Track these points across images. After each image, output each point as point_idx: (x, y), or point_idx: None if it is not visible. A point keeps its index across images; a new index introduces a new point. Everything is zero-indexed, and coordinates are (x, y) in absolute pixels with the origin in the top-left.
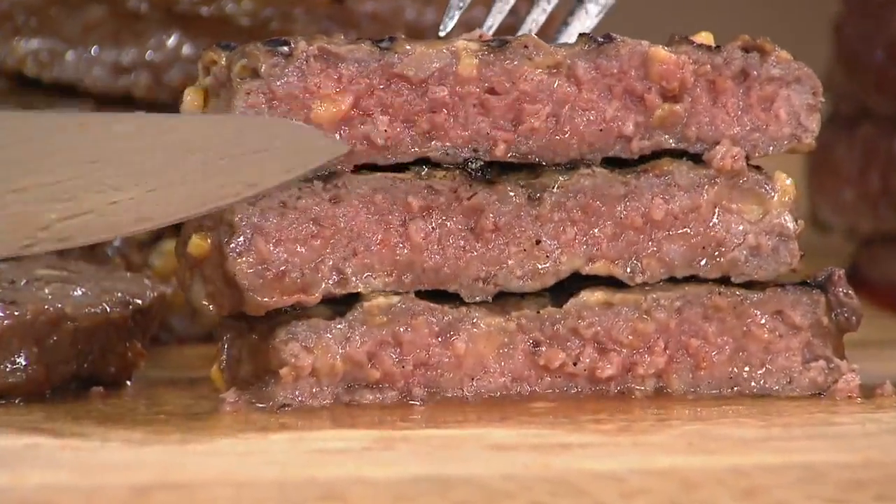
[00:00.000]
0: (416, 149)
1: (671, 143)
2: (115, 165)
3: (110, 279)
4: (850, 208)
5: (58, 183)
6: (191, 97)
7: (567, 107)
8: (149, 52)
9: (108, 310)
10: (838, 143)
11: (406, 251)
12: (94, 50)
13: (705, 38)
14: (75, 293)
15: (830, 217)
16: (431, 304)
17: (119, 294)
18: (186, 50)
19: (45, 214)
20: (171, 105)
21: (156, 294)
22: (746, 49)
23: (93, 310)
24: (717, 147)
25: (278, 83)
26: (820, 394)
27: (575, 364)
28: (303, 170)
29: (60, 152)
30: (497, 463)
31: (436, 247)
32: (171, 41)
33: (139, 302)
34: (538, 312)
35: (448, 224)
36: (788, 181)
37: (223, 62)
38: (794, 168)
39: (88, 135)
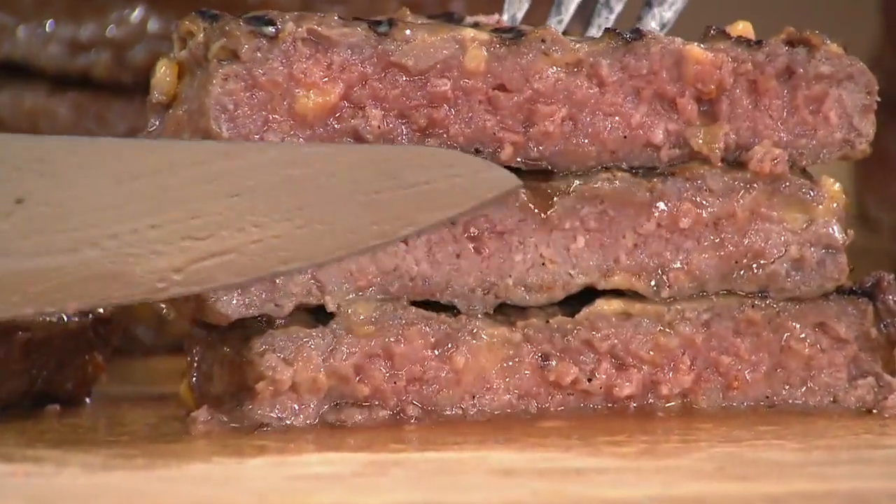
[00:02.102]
0: None
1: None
2: (259, 200)
3: None
4: None
5: (194, 219)
6: (163, 70)
7: (587, 110)
8: (110, 27)
9: (65, 319)
10: (887, 129)
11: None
12: (48, 25)
13: (743, 28)
14: None
15: (879, 213)
16: (426, 313)
17: None
18: (152, 26)
19: (179, 254)
20: (133, 87)
21: None
22: (791, 43)
23: (47, 319)
24: (756, 148)
25: (260, 69)
26: (870, 411)
27: (589, 381)
28: (467, 207)
29: (197, 184)
30: (501, 490)
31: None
32: (135, 16)
33: (100, 310)
34: (547, 322)
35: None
36: (837, 186)
37: (201, 37)
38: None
39: (229, 165)
